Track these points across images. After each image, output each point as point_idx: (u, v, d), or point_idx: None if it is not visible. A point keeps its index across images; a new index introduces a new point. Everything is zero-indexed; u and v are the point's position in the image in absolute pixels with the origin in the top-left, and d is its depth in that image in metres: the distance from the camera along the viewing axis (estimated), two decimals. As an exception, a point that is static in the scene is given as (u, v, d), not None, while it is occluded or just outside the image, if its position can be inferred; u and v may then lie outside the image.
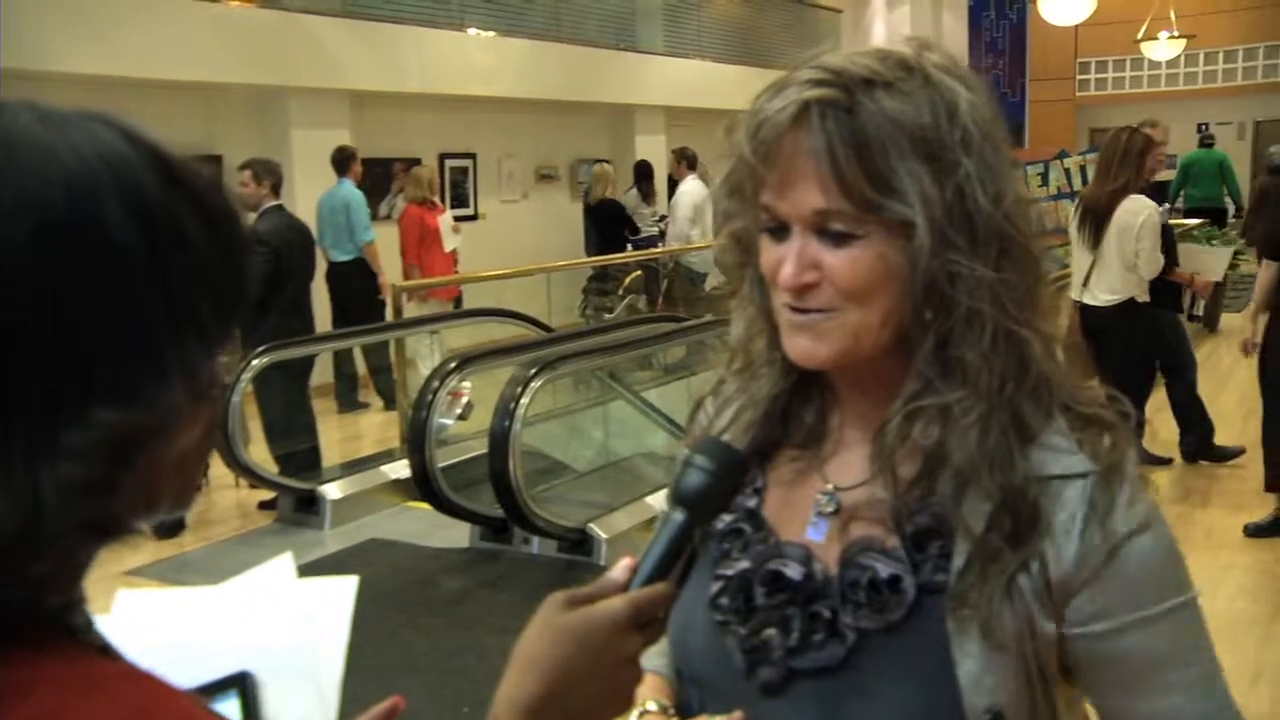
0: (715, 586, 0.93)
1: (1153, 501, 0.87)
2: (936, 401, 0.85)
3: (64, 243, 0.54)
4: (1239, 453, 5.68)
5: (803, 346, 0.87)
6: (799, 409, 0.96)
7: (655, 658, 0.98)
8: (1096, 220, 5.07)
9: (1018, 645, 0.83)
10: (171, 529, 5.06)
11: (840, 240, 0.82)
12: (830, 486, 0.92)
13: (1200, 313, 8.78)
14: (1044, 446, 0.85)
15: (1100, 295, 5.14)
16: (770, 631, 0.89)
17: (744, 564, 0.92)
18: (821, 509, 0.91)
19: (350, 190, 7.54)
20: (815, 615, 0.88)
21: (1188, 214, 11.41)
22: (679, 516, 0.80)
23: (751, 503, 0.95)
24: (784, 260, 0.85)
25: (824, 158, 0.80)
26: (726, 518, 0.94)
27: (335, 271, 7.53)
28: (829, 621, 0.87)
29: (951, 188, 0.81)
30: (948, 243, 0.81)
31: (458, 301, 7.97)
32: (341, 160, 7.62)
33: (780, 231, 0.85)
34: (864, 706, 0.86)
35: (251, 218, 5.46)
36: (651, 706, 0.96)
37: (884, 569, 0.86)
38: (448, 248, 7.89)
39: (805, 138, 0.81)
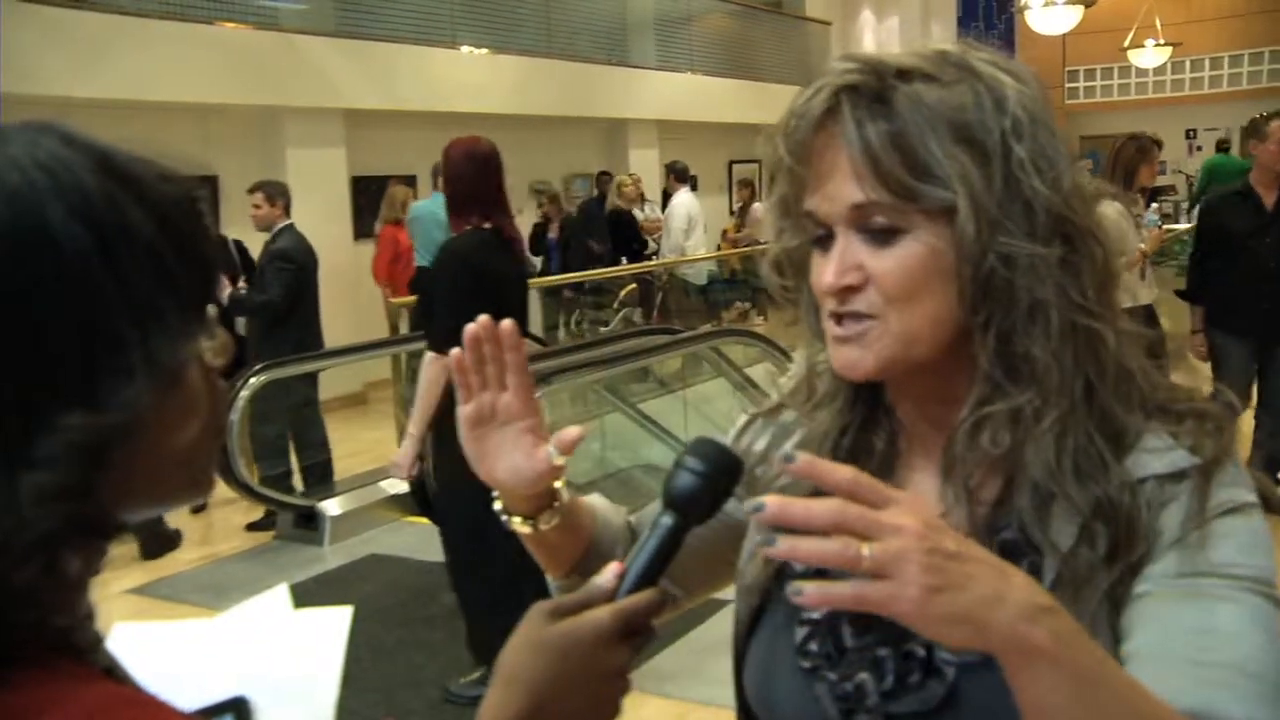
0: (802, 632, 0.86)
1: (1256, 502, 0.78)
2: (1005, 406, 0.78)
3: (10, 252, 0.55)
4: None
5: (846, 356, 0.81)
6: (869, 438, 0.89)
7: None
8: None
9: None
10: (158, 550, 5.05)
11: (884, 238, 0.78)
12: None
13: None
14: (1141, 449, 0.78)
15: None
16: (863, 676, 0.82)
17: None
18: None
19: None
20: (909, 654, 0.81)
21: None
22: (668, 520, 0.77)
23: None
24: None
25: (857, 146, 0.76)
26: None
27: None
28: (924, 660, 0.80)
29: (1002, 174, 0.77)
30: (999, 227, 0.76)
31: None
32: None
33: (827, 240, 0.81)
34: None
35: (264, 238, 5.51)
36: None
37: None
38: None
39: (837, 127, 0.78)
